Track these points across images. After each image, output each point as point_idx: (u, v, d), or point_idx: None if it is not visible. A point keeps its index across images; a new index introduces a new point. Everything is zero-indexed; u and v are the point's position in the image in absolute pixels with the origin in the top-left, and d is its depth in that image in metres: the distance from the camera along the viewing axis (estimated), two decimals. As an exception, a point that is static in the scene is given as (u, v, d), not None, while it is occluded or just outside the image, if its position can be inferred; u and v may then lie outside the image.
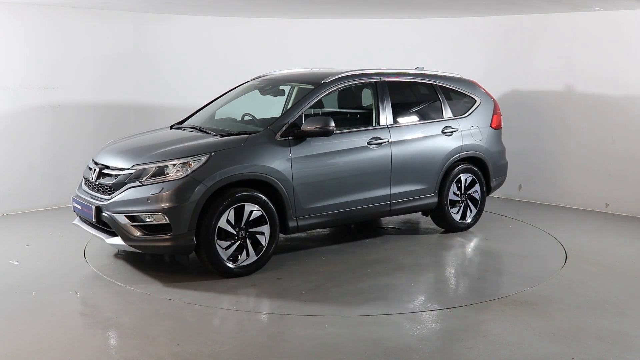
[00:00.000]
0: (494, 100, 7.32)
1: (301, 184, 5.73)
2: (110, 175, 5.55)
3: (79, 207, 5.73)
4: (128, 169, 5.42)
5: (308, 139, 5.78)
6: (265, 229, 5.51)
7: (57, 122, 8.08)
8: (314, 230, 7.00)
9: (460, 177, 6.88)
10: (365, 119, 6.60)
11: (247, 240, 5.43)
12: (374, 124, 6.33)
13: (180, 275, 5.55)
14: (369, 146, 6.18)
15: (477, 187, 7.03)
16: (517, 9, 8.00)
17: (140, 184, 5.27)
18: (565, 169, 8.48)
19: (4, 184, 7.73)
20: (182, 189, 5.15)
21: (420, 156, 6.54)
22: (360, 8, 8.15)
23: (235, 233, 5.37)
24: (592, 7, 7.58)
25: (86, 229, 5.74)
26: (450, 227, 6.95)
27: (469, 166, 6.94)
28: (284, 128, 5.71)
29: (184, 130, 6.29)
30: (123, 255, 6.05)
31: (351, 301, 4.96)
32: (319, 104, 6.85)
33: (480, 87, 7.29)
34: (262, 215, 5.48)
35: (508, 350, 4.12)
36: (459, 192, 6.91)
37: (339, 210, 6.03)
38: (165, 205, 5.11)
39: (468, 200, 7.01)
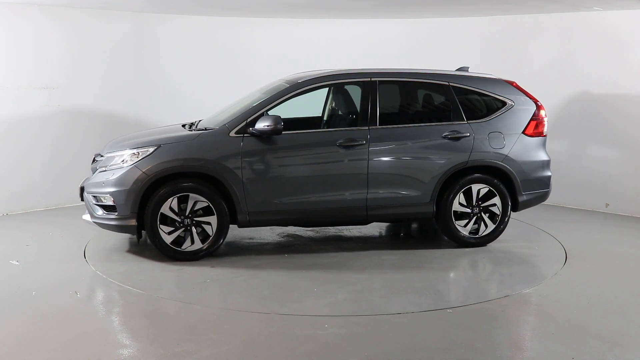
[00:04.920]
0: (537, 104, 6.47)
1: (252, 180, 5.85)
2: (96, 161, 6.29)
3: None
4: (103, 156, 6.15)
5: (272, 137, 5.87)
6: (213, 219, 5.82)
7: (57, 122, 8.07)
8: (326, 229, 7.03)
9: (470, 187, 6.26)
10: (348, 119, 6.47)
11: (193, 228, 5.81)
12: (358, 125, 6.12)
13: (181, 275, 5.55)
14: (339, 147, 5.98)
15: (496, 200, 6.30)
16: (517, 8, 8.00)
17: (105, 169, 5.95)
18: (565, 169, 8.48)
19: (4, 184, 7.72)
20: (125, 175, 5.76)
21: (409, 161, 6.12)
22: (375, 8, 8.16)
23: (179, 220, 5.77)
24: (592, 7, 7.59)
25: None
26: (458, 241, 6.35)
27: (484, 176, 6.27)
28: (240, 125, 5.90)
29: (183, 126, 6.51)
30: (123, 255, 6.06)
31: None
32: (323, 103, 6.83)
33: (519, 89, 6.52)
34: (209, 206, 5.79)
35: (508, 350, 4.12)
36: (467, 204, 6.26)
37: (299, 209, 6.00)
38: (110, 189, 5.79)
39: (483, 214, 6.31)
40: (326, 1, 7.56)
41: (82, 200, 6.26)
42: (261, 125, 5.78)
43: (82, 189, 6.20)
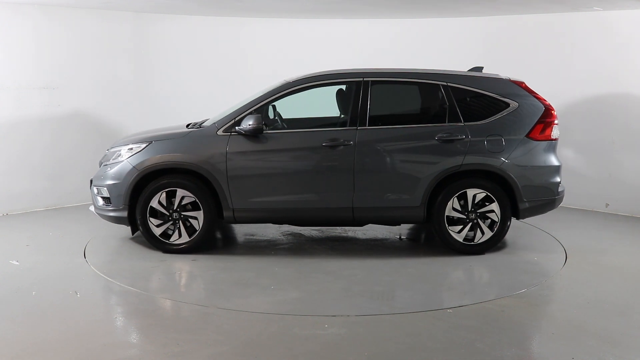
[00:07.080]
0: (546, 106, 6.14)
1: (237, 178, 5.95)
2: (104, 156, 6.58)
3: None
4: (108, 151, 6.50)
5: (257, 136, 5.96)
6: (199, 214, 6.00)
7: (57, 122, 8.08)
8: (332, 230, 7.00)
9: (465, 192, 6.00)
10: (343, 119, 6.39)
11: (181, 222, 6.02)
12: (347, 125, 6.01)
13: (180, 275, 5.55)
14: (325, 147, 5.93)
15: (494, 206, 6.00)
16: (517, 9, 8.00)
17: (107, 163, 6.26)
18: (565, 169, 8.45)
19: (4, 184, 7.73)
20: (119, 170, 6.07)
21: (398, 163, 5.98)
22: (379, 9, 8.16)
23: (168, 214, 6.00)
24: (592, 7, 7.59)
25: None
26: (452, 248, 6.10)
27: (480, 181, 6.01)
28: (227, 124, 6.04)
29: (187, 126, 6.58)
30: (123, 255, 6.07)
31: (348, 301, 4.96)
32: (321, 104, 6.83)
33: (527, 90, 6.20)
34: (195, 201, 5.99)
35: (508, 350, 4.12)
36: (462, 209, 6.02)
37: (283, 208, 6.03)
38: (107, 182, 6.11)
39: (480, 220, 6.03)
40: (326, 4, 7.57)
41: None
42: (244, 124, 5.92)
43: (91, 182, 6.45)
